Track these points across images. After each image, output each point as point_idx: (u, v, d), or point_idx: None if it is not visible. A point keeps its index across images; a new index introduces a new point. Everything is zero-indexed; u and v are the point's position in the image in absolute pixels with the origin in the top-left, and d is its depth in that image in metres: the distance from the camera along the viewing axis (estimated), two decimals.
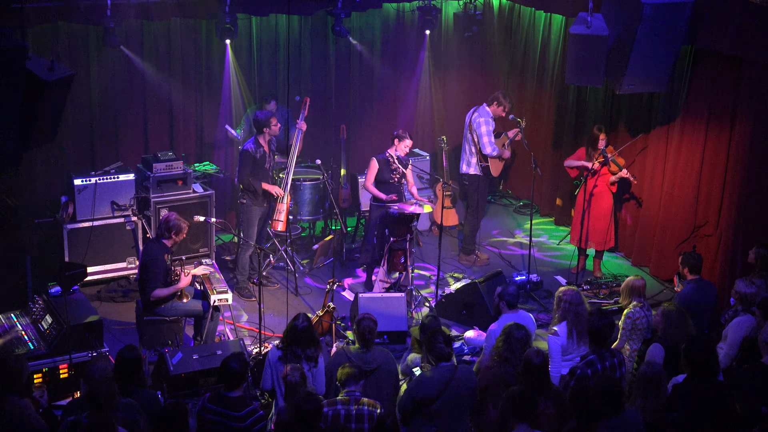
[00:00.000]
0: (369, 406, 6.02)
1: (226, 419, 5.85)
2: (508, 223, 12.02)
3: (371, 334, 6.66)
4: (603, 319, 6.46)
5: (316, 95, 11.24)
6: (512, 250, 11.16)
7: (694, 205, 9.68)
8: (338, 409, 5.98)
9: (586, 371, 6.27)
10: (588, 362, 6.35)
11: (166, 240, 7.99)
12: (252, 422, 5.84)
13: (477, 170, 10.31)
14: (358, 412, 5.98)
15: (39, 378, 7.30)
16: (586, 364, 6.33)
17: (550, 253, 11.03)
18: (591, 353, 6.45)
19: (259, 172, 9.32)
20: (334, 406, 6.00)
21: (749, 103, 8.75)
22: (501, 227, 11.84)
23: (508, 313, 7.25)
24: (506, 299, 7.27)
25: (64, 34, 9.62)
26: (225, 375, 5.97)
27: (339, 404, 6.01)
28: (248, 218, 9.45)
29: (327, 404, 5.98)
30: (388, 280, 9.30)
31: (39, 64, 7.16)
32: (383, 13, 11.67)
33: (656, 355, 6.57)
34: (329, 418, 5.93)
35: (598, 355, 6.39)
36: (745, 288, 7.26)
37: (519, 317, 7.19)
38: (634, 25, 8.61)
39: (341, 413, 5.96)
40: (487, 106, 10.26)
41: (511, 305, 7.27)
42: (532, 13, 11.85)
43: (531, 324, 7.23)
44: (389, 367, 6.69)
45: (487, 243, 11.21)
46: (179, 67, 10.56)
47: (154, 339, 8.13)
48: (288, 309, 8.75)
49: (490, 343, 7.09)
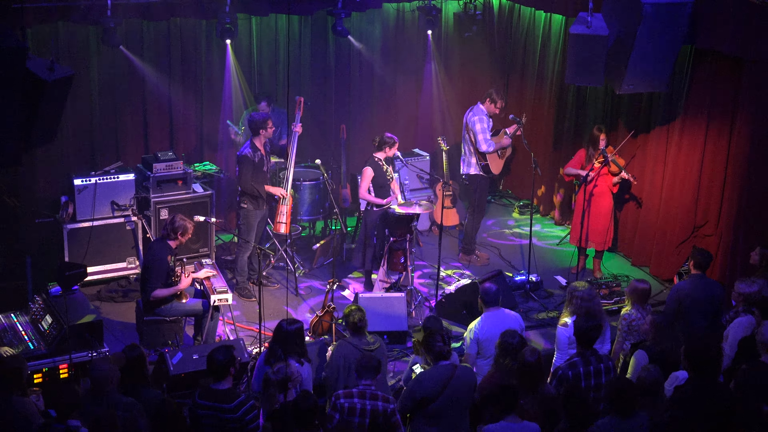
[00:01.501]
0: (383, 401, 6.03)
1: (218, 412, 5.87)
2: (503, 213, 12.26)
3: (362, 321, 6.85)
4: (589, 322, 6.45)
5: (316, 95, 11.24)
6: (512, 241, 11.35)
7: (694, 205, 9.68)
8: (354, 402, 5.99)
9: (567, 373, 6.26)
10: (571, 364, 6.34)
11: (171, 241, 8.00)
12: (244, 412, 5.87)
13: (477, 170, 10.31)
14: (373, 407, 5.98)
15: (39, 378, 7.30)
16: (568, 366, 6.32)
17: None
18: (576, 355, 6.44)
19: (259, 175, 9.31)
20: (350, 398, 6.01)
21: (749, 103, 8.75)
22: (496, 218, 12.00)
23: (488, 311, 7.23)
24: (482, 298, 7.26)
25: (64, 34, 9.62)
26: (211, 368, 6.00)
27: (356, 397, 6.00)
28: (247, 222, 9.44)
29: (344, 395, 6.01)
30: (388, 280, 9.30)
31: (39, 64, 7.17)
32: (383, 13, 11.67)
33: (641, 361, 6.57)
34: (345, 410, 5.94)
35: (583, 357, 6.37)
36: (746, 288, 7.25)
37: (498, 315, 7.15)
38: (634, 25, 8.61)
39: (357, 407, 5.96)
40: (481, 104, 10.27)
41: (487, 303, 7.24)
42: (532, 13, 11.85)
43: (515, 322, 7.19)
44: (383, 350, 6.94)
45: (487, 234, 11.31)
46: (179, 67, 10.56)
47: (154, 339, 8.14)
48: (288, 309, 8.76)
49: (470, 340, 7.11)
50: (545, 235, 11.54)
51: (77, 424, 5.53)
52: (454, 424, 6.25)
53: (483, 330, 7.06)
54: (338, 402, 6.00)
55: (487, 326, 7.07)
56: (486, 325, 7.08)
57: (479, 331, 7.09)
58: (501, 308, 7.28)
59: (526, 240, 10.25)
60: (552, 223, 11.97)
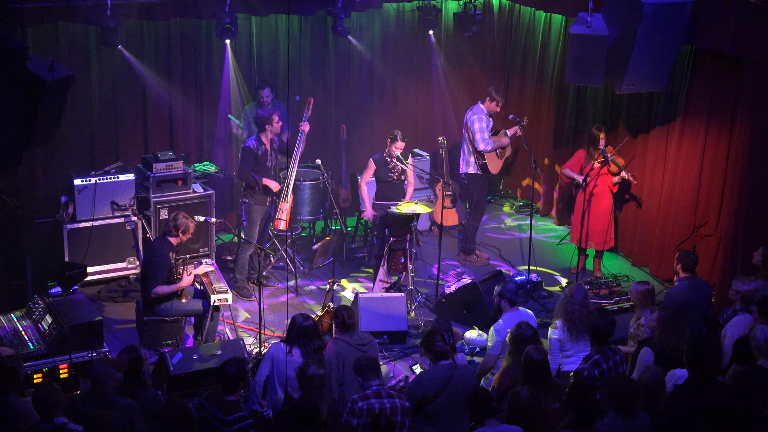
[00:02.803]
0: (400, 399, 6.03)
1: (216, 420, 5.91)
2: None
3: (351, 318, 6.89)
4: (604, 318, 6.47)
5: (316, 95, 11.19)
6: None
7: (694, 205, 9.68)
8: (372, 403, 5.95)
9: (593, 372, 6.27)
10: (594, 362, 6.35)
11: (172, 238, 8.00)
12: (237, 429, 5.86)
13: (475, 169, 10.31)
14: (391, 405, 5.96)
15: (39, 378, 7.30)
16: (592, 365, 6.33)
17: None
18: (595, 353, 6.44)
19: (260, 169, 9.32)
20: (368, 400, 5.97)
21: (749, 103, 8.75)
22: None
23: (510, 311, 7.26)
24: (507, 297, 7.28)
25: (64, 34, 9.62)
26: (221, 378, 6.04)
27: (373, 398, 5.97)
28: (250, 217, 9.46)
29: (360, 399, 5.97)
30: (388, 280, 9.30)
31: (39, 64, 7.18)
32: (383, 13, 11.67)
33: (646, 358, 6.57)
34: (364, 413, 5.90)
35: (602, 354, 6.39)
36: (744, 286, 7.25)
37: (521, 315, 7.20)
38: (634, 25, 8.61)
39: (375, 407, 5.92)
40: (481, 104, 10.27)
41: (513, 302, 7.29)
42: (532, 13, 11.85)
43: (533, 321, 7.24)
44: (375, 347, 7.01)
45: (485, 230, 11.34)
46: (179, 67, 10.56)
47: (154, 339, 8.13)
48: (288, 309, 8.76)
49: (495, 341, 7.11)
50: (541, 229, 11.56)
51: (64, 421, 5.52)
52: (454, 423, 6.25)
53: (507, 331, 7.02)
54: (356, 407, 5.93)
55: (510, 326, 6.98)
56: (510, 325, 6.96)
57: (504, 332, 7.03)
58: (519, 308, 7.33)
59: (521, 234, 10.24)
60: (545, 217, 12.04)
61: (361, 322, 8.44)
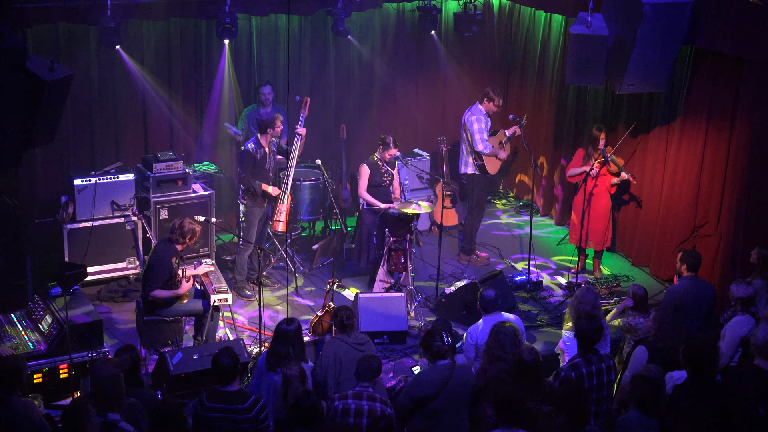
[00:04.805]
0: (381, 403, 6.02)
1: (232, 413, 5.85)
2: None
3: (350, 319, 6.89)
4: (591, 323, 6.44)
5: (316, 95, 11.22)
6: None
7: (694, 205, 9.68)
8: (349, 404, 5.97)
9: (570, 374, 6.25)
10: (573, 365, 6.32)
11: (177, 244, 7.99)
12: (258, 411, 5.88)
13: (474, 169, 10.31)
14: (370, 407, 5.96)
15: (39, 378, 7.30)
16: (570, 368, 6.30)
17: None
18: (577, 356, 6.43)
19: (260, 172, 9.32)
20: (345, 400, 6.00)
21: (749, 103, 8.75)
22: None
23: (488, 316, 7.22)
24: (481, 304, 7.24)
25: (64, 34, 9.62)
26: (218, 371, 6.00)
27: (350, 399, 6.00)
28: (249, 219, 9.46)
29: (338, 398, 6.01)
30: (388, 280, 9.30)
31: (39, 64, 7.17)
32: (383, 13, 11.67)
33: (640, 357, 6.57)
34: (339, 412, 5.93)
35: (585, 358, 6.36)
36: (741, 291, 7.24)
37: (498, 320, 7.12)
38: (634, 25, 8.61)
39: (351, 408, 5.95)
40: (479, 104, 10.27)
41: (486, 311, 7.22)
42: (532, 13, 11.85)
43: (519, 324, 7.14)
44: (372, 346, 6.99)
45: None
46: (179, 67, 10.55)
47: (154, 339, 8.13)
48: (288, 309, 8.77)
49: (467, 342, 7.11)
50: (537, 224, 11.44)
51: (117, 418, 5.52)
52: (453, 423, 6.25)
53: (482, 335, 7.01)
54: (332, 405, 5.99)
55: (486, 332, 6.99)
56: (485, 330, 7.01)
57: (478, 336, 7.08)
58: (500, 313, 7.27)
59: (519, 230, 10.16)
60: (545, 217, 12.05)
61: (361, 322, 8.45)
